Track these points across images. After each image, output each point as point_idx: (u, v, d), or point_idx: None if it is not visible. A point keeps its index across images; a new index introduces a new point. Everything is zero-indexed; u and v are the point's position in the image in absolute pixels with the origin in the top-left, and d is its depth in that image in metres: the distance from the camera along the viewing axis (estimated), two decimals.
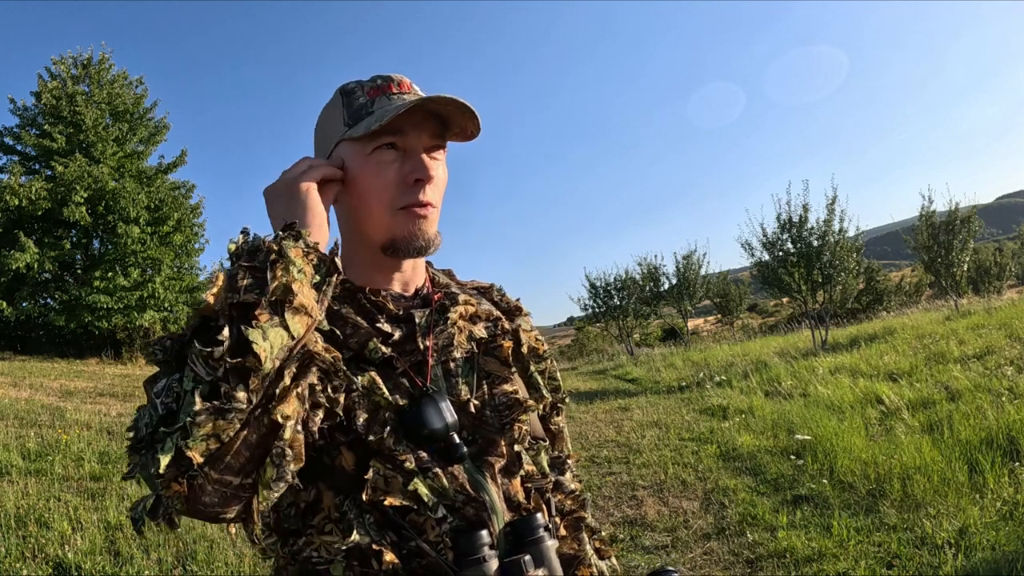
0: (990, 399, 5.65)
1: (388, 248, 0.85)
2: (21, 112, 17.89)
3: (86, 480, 4.73)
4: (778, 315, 41.20)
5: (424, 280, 0.94)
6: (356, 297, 0.85)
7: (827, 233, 14.10)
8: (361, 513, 0.76)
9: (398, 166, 0.84)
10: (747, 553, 3.52)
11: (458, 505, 0.79)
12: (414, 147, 0.85)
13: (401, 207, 0.84)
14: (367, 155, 0.84)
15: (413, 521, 0.77)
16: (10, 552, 3.37)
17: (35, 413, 7.13)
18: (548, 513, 0.90)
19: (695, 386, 10.52)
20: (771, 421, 6.56)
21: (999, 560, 2.94)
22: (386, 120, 0.80)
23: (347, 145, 0.86)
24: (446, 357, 0.86)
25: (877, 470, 4.38)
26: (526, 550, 0.79)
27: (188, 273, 19.74)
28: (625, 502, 4.67)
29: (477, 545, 0.76)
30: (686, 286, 22.56)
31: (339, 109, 0.87)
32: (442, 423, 0.79)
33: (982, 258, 24.59)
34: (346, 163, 0.86)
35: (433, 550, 0.76)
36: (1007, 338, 8.98)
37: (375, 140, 0.83)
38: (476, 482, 0.82)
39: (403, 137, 0.84)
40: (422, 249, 0.86)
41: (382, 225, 0.85)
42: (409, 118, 0.83)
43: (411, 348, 0.84)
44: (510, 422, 0.87)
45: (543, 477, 0.91)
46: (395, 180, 0.84)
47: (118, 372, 14.18)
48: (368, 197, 0.85)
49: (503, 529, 0.82)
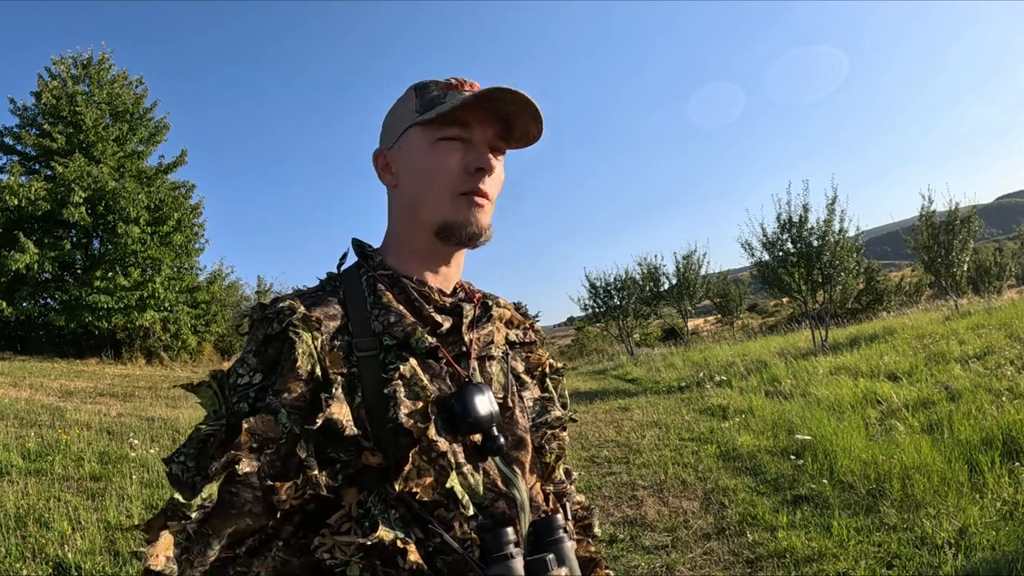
0: (990, 399, 5.66)
1: (442, 232, 0.86)
2: (21, 112, 17.92)
3: (86, 480, 4.73)
4: (778, 315, 41.19)
5: (460, 280, 0.96)
6: (402, 284, 0.86)
7: (827, 233, 14.10)
8: (386, 508, 0.76)
9: (461, 155, 0.86)
10: (747, 553, 3.52)
11: (487, 503, 0.80)
12: (478, 140, 0.87)
13: (461, 193, 0.86)
14: (434, 142, 0.86)
15: (441, 516, 0.77)
16: (10, 552, 3.37)
17: (35, 413, 7.13)
18: (565, 517, 0.91)
19: (695, 386, 10.53)
20: (771, 421, 6.56)
21: (999, 560, 2.94)
22: (457, 103, 0.83)
23: (416, 131, 0.88)
24: (485, 353, 0.88)
25: (877, 470, 4.38)
26: (547, 550, 0.80)
27: (188, 273, 19.75)
28: (625, 502, 4.66)
29: (503, 542, 0.76)
30: (686, 286, 22.57)
31: (412, 101, 0.89)
32: (488, 411, 0.80)
33: (982, 258, 24.60)
34: (412, 148, 0.88)
35: (460, 546, 0.76)
36: (1007, 338, 8.98)
37: (443, 130, 0.86)
38: (507, 478, 0.83)
39: (469, 130, 0.86)
40: (474, 236, 0.86)
41: (440, 208, 0.86)
42: (475, 113, 0.86)
43: (455, 340, 0.86)
44: (538, 425, 0.91)
45: (562, 482, 0.95)
46: (458, 167, 0.86)
47: (118, 372, 14.18)
48: (430, 181, 0.86)
49: (527, 528, 0.83)
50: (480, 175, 0.86)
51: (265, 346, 0.78)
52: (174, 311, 18.44)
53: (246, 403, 0.75)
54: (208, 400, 0.78)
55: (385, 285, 0.86)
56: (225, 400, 0.77)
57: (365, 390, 0.78)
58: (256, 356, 0.78)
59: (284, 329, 0.77)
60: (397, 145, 0.90)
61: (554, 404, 0.97)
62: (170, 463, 0.74)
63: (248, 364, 0.78)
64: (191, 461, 0.74)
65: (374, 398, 0.78)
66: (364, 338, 0.81)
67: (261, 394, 0.76)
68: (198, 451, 0.74)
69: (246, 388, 0.76)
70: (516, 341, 0.96)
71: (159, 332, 18.23)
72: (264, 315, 0.80)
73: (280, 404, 0.74)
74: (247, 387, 0.76)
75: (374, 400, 0.78)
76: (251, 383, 0.76)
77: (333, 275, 0.90)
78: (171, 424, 7.27)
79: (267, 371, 0.77)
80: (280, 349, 0.77)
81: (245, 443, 0.71)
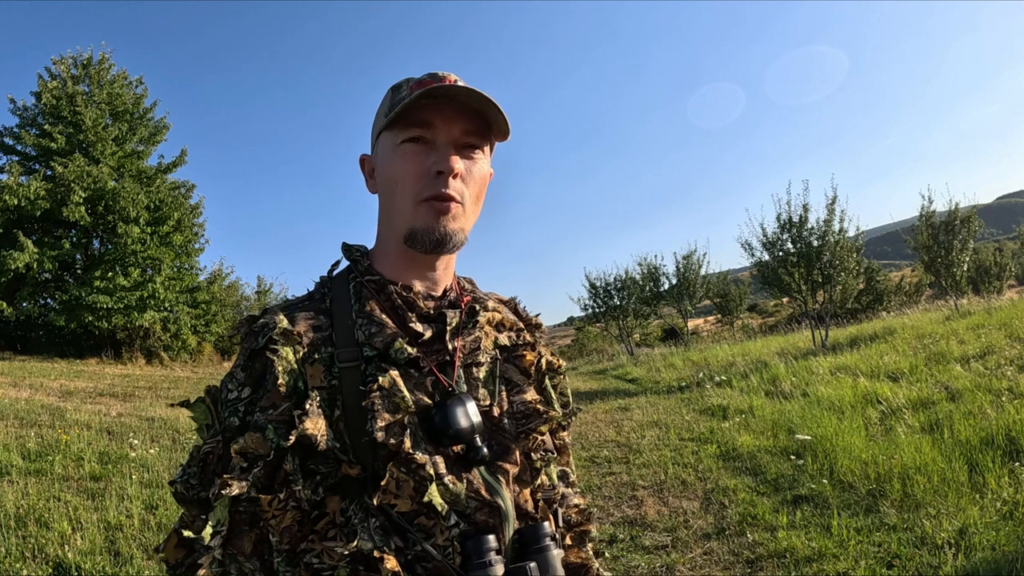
0: (990, 399, 5.66)
1: (408, 239, 0.84)
2: (21, 112, 17.89)
3: (86, 480, 4.73)
4: (778, 315, 41.18)
5: (452, 282, 0.94)
6: (387, 291, 0.86)
7: (827, 233, 14.10)
8: (367, 518, 0.75)
9: (423, 158, 0.83)
10: (747, 553, 3.52)
11: (470, 511, 0.79)
12: (442, 141, 0.84)
13: (424, 199, 0.83)
14: (396, 146, 0.84)
15: (422, 524, 0.77)
16: (10, 552, 3.37)
17: (35, 413, 7.13)
18: (555, 524, 0.90)
19: (695, 386, 10.53)
20: (771, 421, 6.56)
21: (999, 560, 2.94)
22: (399, 108, 0.80)
23: (384, 136, 0.86)
24: (471, 360, 0.87)
25: (877, 470, 4.38)
26: (531, 558, 0.79)
27: (188, 273, 19.73)
28: (625, 502, 4.66)
29: (483, 549, 0.76)
30: (686, 286, 22.57)
31: (386, 104, 0.87)
32: (468, 423, 0.78)
33: (982, 258, 24.59)
34: (381, 153, 0.87)
35: (440, 554, 0.75)
36: (1007, 338, 8.98)
37: (404, 132, 0.83)
38: (491, 487, 0.82)
39: (431, 130, 0.83)
40: (439, 243, 0.83)
41: (405, 215, 0.84)
42: (439, 112, 0.82)
43: (439, 348, 0.84)
44: (527, 431, 0.88)
45: (552, 488, 0.92)
46: (417, 171, 0.83)
47: (118, 372, 14.18)
48: (395, 187, 0.85)
49: (512, 536, 0.82)
50: (441, 178, 0.82)
51: (252, 361, 0.79)
52: (174, 311, 18.43)
53: (236, 417, 0.77)
54: (201, 414, 0.80)
55: (371, 292, 0.85)
56: (217, 415, 0.79)
57: (345, 402, 0.78)
58: (244, 371, 0.79)
59: (264, 345, 0.78)
60: (375, 151, 0.89)
61: (550, 405, 0.95)
62: (175, 484, 0.77)
63: (237, 379, 0.79)
64: (194, 479, 0.77)
65: (353, 411, 0.77)
66: (347, 348, 0.81)
67: (250, 408, 0.77)
68: (200, 469, 0.77)
69: (235, 403, 0.78)
70: (508, 345, 0.93)
71: (159, 332, 18.22)
72: (250, 329, 0.81)
73: (266, 420, 0.75)
74: (236, 401, 0.78)
75: (353, 412, 0.77)
76: (240, 397, 0.78)
77: (324, 281, 0.90)
78: (171, 424, 7.27)
79: (255, 386, 0.78)
80: (265, 364, 0.78)
81: (236, 464, 0.74)
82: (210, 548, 0.72)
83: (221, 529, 0.73)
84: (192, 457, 0.78)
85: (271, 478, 0.75)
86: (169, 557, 0.76)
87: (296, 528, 0.75)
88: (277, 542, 0.74)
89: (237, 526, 0.74)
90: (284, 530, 0.74)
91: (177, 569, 0.76)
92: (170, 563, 0.76)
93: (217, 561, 0.73)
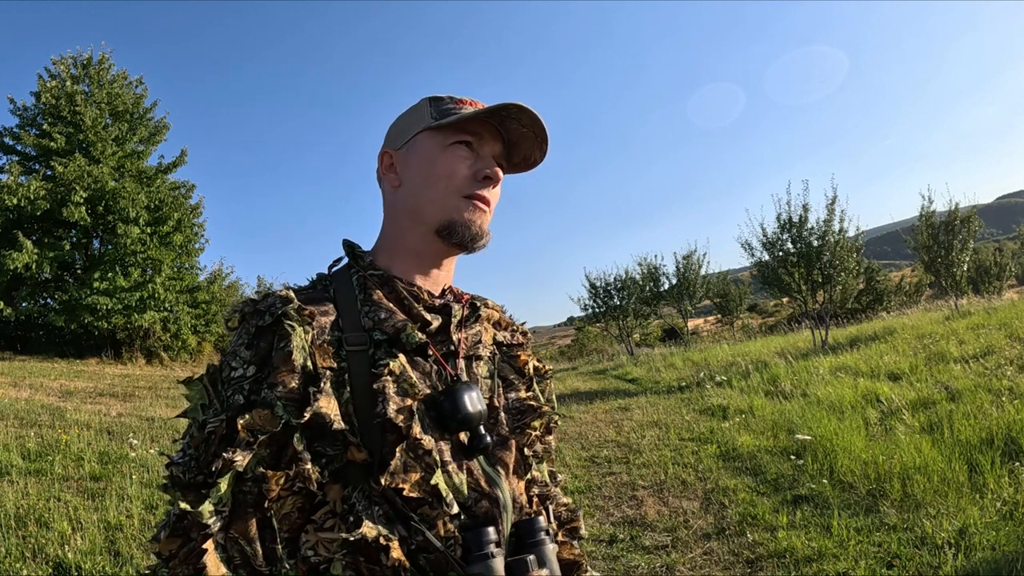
0: (990, 399, 5.66)
1: (444, 230, 0.88)
2: (21, 112, 17.91)
3: (86, 480, 4.73)
4: (778, 315, 41.19)
5: (449, 284, 0.97)
6: (392, 284, 0.88)
7: (827, 233, 14.11)
8: (370, 505, 0.75)
9: (471, 162, 0.89)
10: (747, 553, 3.52)
11: (470, 502, 0.80)
12: (486, 152, 0.91)
13: (466, 195, 0.88)
14: (446, 145, 0.89)
15: (424, 514, 0.77)
16: (10, 552, 3.37)
17: (35, 413, 7.13)
18: (548, 519, 0.93)
19: (695, 386, 10.53)
20: (771, 421, 6.56)
21: (999, 560, 2.94)
22: (471, 113, 0.87)
23: (427, 135, 0.90)
24: (473, 353, 0.90)
25: (877, 470, 4.38)
26: (528, 551, 0.81)
27: (188, 273, 19.75)
28: (625, 502, 4.66)
29: (484, 541, 0.77)
30: (686, 286, 22.58)
31: (426, 109, 0.92)
32: (476, 409, 0.81)
33: (982, 258, 24.61)
34: (423, 149, 0.90)
35: (443, 545, 0.76)
36: (1007, 338, 8.98)
37: (455, 136, 0.89)
38: (491, 479, 0.84)
39: (479, 140, 0.90)
40: (476, 237, 0.89)
41: (445, 206, 0.88)
42: (486, 128, 0.90)
43: (443, 339, 0.87)
44: (522, 426, 0.91)
45: (546, 485, 0.96)
46: (467, 172, 0.89)
47: (118, 372, 14.18)
48: (438, 181, 0.88)
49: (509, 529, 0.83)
50: (487, 183, 0.89)
51: (257, 339, 0.78)
52: (174, 311, 18.44)
53: (241, 395, 0.75)
54: (196, 394, 0.77)
55: (375, 284, 0.87)
56: (218, 394, 0.76)
57: (353, 385, 0.78)
58: (249, 349, 0.78)
59: (277, 321, 0.77)
60: (407, 147, 0.92)
61: (539, 406, 0.98)
62: (172, 466, 0.73)
63: (241, 357, 0.77)
64: (194, 461, 0.73)
65: (362, 393, 0.78)
66: (354, 333, 0.81)
67: (256, 386, 0.75)
68: (201, 450, 0.73)
69: (240, 380, 0.76)
70: (504, 342, 0.98)
71: (159, 332, 18.23)
72: (255, 308, 0.80)
73: (275, 397, 0.73)
74: (241, 379, 0.76)
75: (362, 395, 0.78)
76: (245, 375, 0.76)
77: (323, 275, 0.91)
78: (171, 424, 7.27)
79: (260, 364, 0.77)
80: (272, 342, 0.77)
81: (243, 439, 0.71)
82: (208, 529, 0.68)
83: (223, 509, 0.70)
84: (192, 438, 0.74)
85: (278, 457, 0.73)
86: (163, 549, 0.70)
87: (296, 515, 0.74)
88: (277, 529, 0.73)
89: (241, 507, 0.71)
90: (284, 517, 0.73)
91: (171, 561, 0.70)
92: (163, 555, 0.70)
93: (220, 546, 0.69)
